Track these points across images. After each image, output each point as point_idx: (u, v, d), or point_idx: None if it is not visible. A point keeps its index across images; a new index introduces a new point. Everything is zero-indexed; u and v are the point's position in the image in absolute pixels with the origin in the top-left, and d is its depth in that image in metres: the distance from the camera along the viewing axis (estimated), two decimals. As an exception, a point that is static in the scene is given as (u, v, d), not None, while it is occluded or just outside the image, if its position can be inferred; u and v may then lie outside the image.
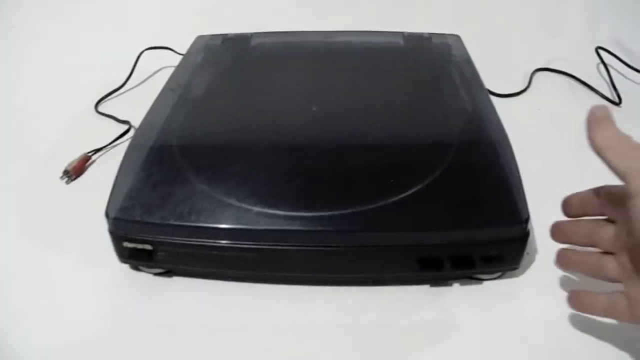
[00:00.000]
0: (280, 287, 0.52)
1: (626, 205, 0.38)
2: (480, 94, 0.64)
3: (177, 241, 0.49)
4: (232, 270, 0.52)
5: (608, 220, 0.44)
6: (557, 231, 0.47)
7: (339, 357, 0.46)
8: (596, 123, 0.40)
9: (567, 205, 0.47)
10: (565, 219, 0.47)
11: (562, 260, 0.47)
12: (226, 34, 0.79)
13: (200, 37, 0.79)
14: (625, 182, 0.38)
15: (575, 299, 0.46)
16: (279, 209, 0.49)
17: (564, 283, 0.51)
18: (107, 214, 0.50)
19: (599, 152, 0.40)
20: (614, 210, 0.43)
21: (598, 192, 0.44)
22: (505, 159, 0.54)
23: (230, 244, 0.49)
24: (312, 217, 0.49)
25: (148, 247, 0.50)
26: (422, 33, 0.78)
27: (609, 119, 0.40)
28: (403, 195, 0.50)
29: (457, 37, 0.78)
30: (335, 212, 0.49)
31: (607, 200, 0.43)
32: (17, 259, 0.56)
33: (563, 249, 0.47)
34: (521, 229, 0.48)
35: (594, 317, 0.45)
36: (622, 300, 0.42)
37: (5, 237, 0.58)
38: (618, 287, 0.42)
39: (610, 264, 0.43)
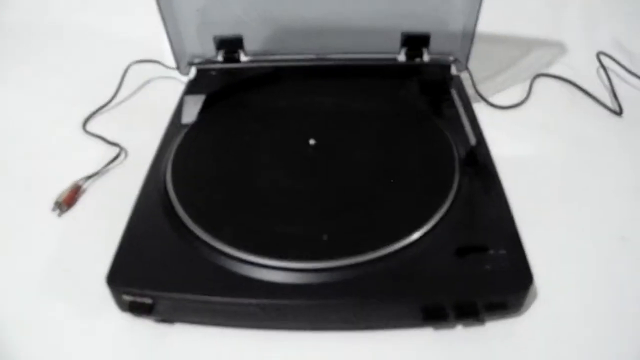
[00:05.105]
0: (286, 333, 0.50)
1: None
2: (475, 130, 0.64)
3: (178, 297, 0.49)
4: (236, 322, 0.51)
5: None
6: None
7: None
8: None
9: None
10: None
11: None
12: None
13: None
14: None
15: None
16: (282, 261, 0.49)
17: (566, 317, 0.51)
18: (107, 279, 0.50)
19: None
20: None
21: None
22: (502, 209, 0.55)
23: (232, 300, 0.48)
24: (313, 270, 0.49)
25: (148, 300, 0.49)
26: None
27: None
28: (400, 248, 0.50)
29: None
30: (338, 264, 0.49)
31: None
32: (9, 305, 0.54)
33: None
34: (525, 283, 0.49)
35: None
36: None
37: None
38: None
39: None
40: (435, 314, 0.48)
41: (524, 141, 0.72)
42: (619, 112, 0.76)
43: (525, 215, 0.55)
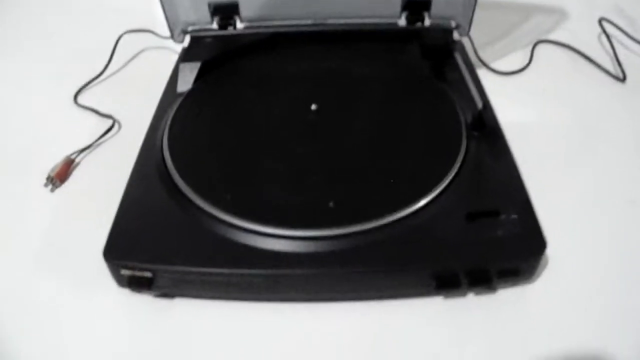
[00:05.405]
0: (291, 305, 0.49)
1: None
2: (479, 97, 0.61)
3: (179, 269, 0.47)
4: (239, 294, 0.49)
5: None
6: None
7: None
8: None
9: None
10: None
11: None
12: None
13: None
14: None
15: None
16: (287, 229, 0.47)
17: (578, 283, 0.50)
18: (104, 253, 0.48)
19: None
20: None
21: None
22: (511, 173, 0.53)
23: (235, 271, 0.46)
24: (319, 238, 0.47)
25: (147, 274, 0.47)
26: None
27: None
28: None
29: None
30: (345, 231, 0.47)
31: None
32: (3, 283, 0.52)
33: None
34: (539, 249, 0.47)
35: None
36: None
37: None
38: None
39: None
40: (446, 282, 0.47)
41: (527, 107, 0.70)
42: (622, 79, 0.74)
43: (531, 180, 0.53)
